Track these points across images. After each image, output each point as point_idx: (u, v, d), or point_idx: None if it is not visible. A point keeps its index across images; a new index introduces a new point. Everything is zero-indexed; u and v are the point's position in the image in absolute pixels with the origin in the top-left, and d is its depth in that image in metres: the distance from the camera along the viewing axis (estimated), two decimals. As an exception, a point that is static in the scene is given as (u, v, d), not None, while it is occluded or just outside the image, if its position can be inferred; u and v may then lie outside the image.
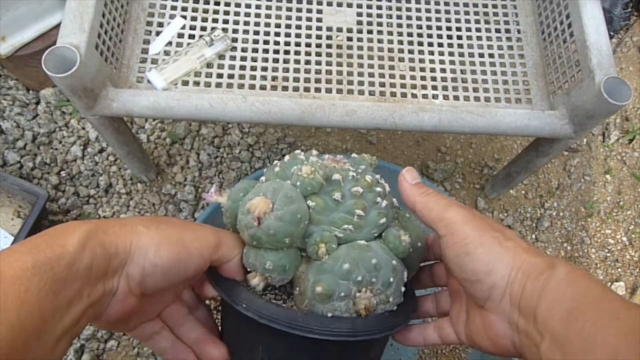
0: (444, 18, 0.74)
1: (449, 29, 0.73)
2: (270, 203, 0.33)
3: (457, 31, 0.73)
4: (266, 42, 0.69)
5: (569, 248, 0.96)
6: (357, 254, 0.35)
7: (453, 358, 0.70)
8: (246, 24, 0.70)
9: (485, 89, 0.69)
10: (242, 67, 0.67)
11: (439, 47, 0.72)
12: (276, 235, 0.33)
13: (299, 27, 0.71)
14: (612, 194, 1.01)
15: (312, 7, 0.72)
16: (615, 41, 1.15)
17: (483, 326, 0.33)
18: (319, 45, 0.70)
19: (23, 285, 0.25)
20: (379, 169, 0.78)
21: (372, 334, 0.34)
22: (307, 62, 0.68)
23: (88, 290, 0.28)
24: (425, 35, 0.72)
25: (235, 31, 0.69)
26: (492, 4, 0.76)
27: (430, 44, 0.72)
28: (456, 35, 0.73)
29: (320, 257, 0.35)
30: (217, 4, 0.70)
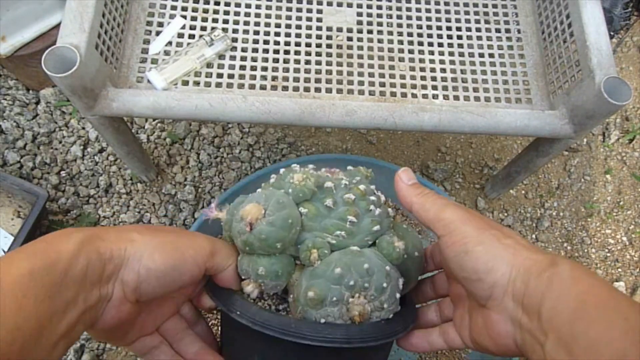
0: (444, 18, 0.74)
1: (449, 29, 0.73)
2: (263, 209, 0.34)
3: (457, 31, 0.73)
4: (266, 42, 0.69)
5: (569, 248, 0.96)
6: (350, 259, 0.35)
7: (453, 358, 0.70)
8: (246, 24, 0.70)
9: (485, 89, 0.69)
10: (242, 67, 0.67)
11: (439, 47, 0.72)
12: (268, 240, 0.34)
13: (299, 27, 0.71)
14: (612, 194, 1.01)
15: (312, 7, 0.72)
16: (615, 41, 1.15)
17: (485, 326, 0.33)
18: (319, 45, 0.70)
19: (21, 291, 0.26)
20: (379, 169, 0.78)
21: (367, 342, 0.33)
22: (307, 62, 0.68)
23: (84, 295, 0.29)
24: (425, 35, 0.72)
25: (235, 31, 0.69)
26: (492, 4, 0.76)
27: (430, 44, 0.72)
28: (456, 35, 0.73)
29: (313, 262, 0.35)
30: (217, 4, 0.70)
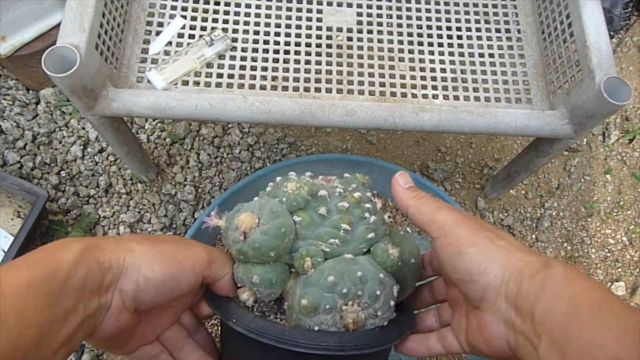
0: (444, 18, 0.74)
1: (449, 29, 0.73)
2: (257, 218, 0.34)
3: (457, 31, 0.73)
4: (266, 42, 0.69)
5: (569, 248, 0.96)
6: (343, 267, 0.35)
7: (453, 358, 0.70)
8: (246, 24, 0.70)
9: (485, 89, 0.69)
10: (242, 67, 0.67)
11: (439, 47, 0.72)
12: (261, 249, 0.34)
13: (299, 27, 0.71)
14: (612, 194, 1.01)
15: (312, 7, 0.72)
16: (615, 41, 1.15)
17: (478, 328, 0.33)
18: (319, 45, 0.70)
19: (22, 300, 0.26)
20: (379, 169, 0.78)
21: (361, 349, 0.34)
22: (307, 62, 0.68)
23: (83, 304, 0.29)
24: (425, 35, 0.72)
25: (235, 31, 0.69)
26: (492, 4, 0.76)
27: (430, 44, 0.72)
28: (456, 35, 0.73)
29: (306, 270, 0.35)
30: (217, 4, 0.70)
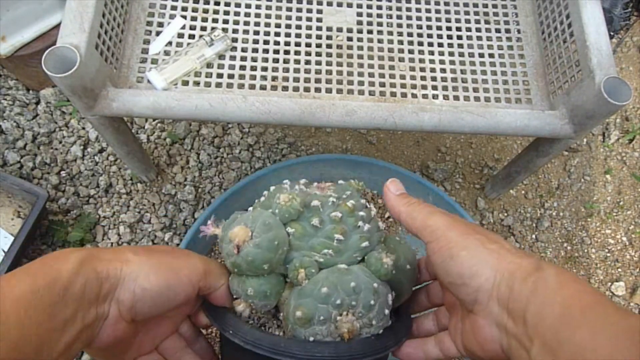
0: (444, 18, 0.74)
1: (449, 29, 0.73)
2: (250, 231, 0.35)
3: (457, 31, 0.73)
4: (266, 42, 0.69)
5: (569, 248, 0.96)
6: (336, 277, 0.35)
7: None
8: (246, 24, 0.70)
9: (485, 89, 0.69)
10: (242, 67, 0.67)
11: (439, 47, 0.72)
12: (254, 262, 0.34)
13: (299, 27, 0.71)
14: (612, 194, 1.01)
15: (312, 7, 0.72)
16: (615, 41, 1.15)
17: (472, 331, 0.33)
18: (319, 45, 0.70)
19: (23, 309, 0.26)
20: (379, 169, 0.78)
21: (355, 358, 0.34)
22: (307, 62, 0.68)
23: (82, 314, 0.30)
24: (425, 35, 0.72)
25: (235, 31, 0.69)
26: (492, 4, 0.76)
27: (430, 44, 0.72)
28: (456, 35, 0.73)
29: (300, 282, 0.35)
30: (217, 4, 0.70)
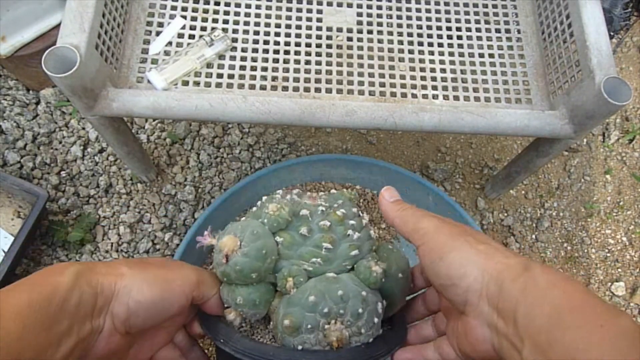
0: (444, 18, 0.74)
1: (449, 29, 0.73)
2: (238, 241, 0.35)
3: (457, 31, 0.73)
4: (266, 42, 0.69)
5: (569, 248, 0.96)
6: (324, 286, 0.35)
7: None
8: (246, 24, 0.70)
9: (485, 89, 0.69)
10: (242, 67, 0.67)
11: (439, 47, 0.72)
12: (243, 271, 0.35)
13: (299, 27, 0.71)
14: (612, 194, 1.01)
15: (312, 7, 0.72)
16: (615, 41, 1.15)
17: (464, 332, 0.33)
18: (319, 45, 0.70)
19: (21, 322, 0.27)
20: (379, 169, 0.78)
21: None
22: (307, 62, 0.68)
23: (77, 327, 0.30)
24: (425, 35, 0.72)
25: (235, 31, 0.69)
26: (492, 4, 0.76)
27: (430, 44, 0.72)
28: (456, 35, 0.73)
29: (289, 290, 0.36)
30: (217, 4, 0.70)
